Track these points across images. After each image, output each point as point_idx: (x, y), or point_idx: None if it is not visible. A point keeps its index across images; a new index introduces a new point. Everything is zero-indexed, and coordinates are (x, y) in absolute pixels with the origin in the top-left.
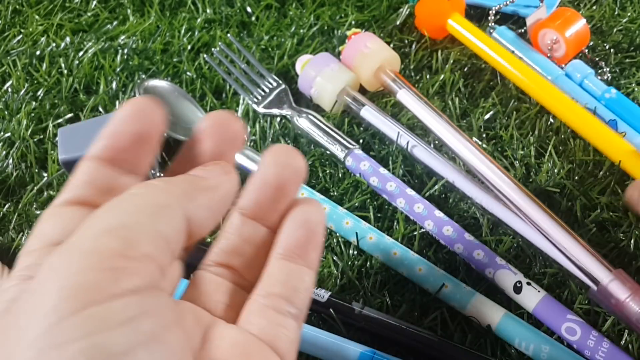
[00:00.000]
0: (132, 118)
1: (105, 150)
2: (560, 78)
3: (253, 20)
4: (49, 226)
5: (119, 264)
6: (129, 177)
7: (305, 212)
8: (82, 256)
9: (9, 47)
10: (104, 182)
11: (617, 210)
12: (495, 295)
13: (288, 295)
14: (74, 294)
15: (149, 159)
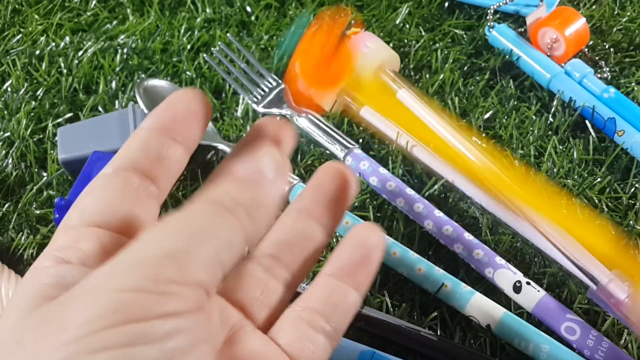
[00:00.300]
0: (184, 99)
1: (161, 120)
2: (560, 76)
3: (253, 20)
4: (92, 200)
5: (170, 289)
6: (180, 147)
7: (365, 234)
8: (137, 276)
9: (8, 47)
10: (157, 149)
11: (617, 210)
12: (495, 295)
13: (326, 312)
14: (120, 309)
15: (198, 133)
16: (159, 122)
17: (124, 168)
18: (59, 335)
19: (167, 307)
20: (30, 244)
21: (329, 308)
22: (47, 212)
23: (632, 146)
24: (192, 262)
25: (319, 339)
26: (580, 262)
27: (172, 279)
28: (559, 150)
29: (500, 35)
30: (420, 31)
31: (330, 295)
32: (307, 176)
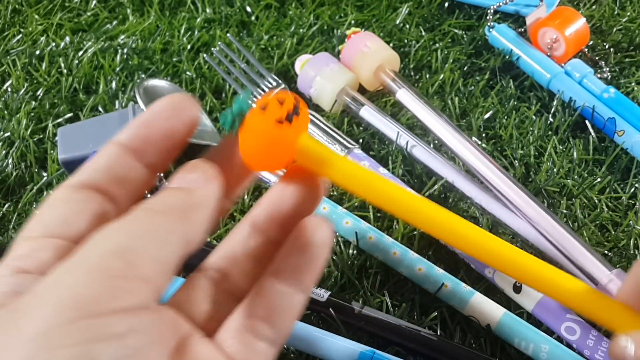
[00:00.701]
0: (167, 113)
1: (133, 138)
2: (560, 76)
3: (253, 20)
4: (53, 213)
5: (119, 284)
6: (145, 171)
7: (311, 233)
8: (87, 272)
9: (8, 47)
10: (121, 171)
11: (617, 210)
12: (495, 295)
13: (270, 318)
14: (74, 305)
15: (171, 158)
16: (132, 141)
17: (86, 185)
18: (17, 336)
19: (121, 302)
20: None
21: (273, 314)
22: None
23: (632, 146)
24: (138, 258)
25: (261, 347)
26: (580, 262)
27: (122, 274)
28: (559, 150)
29: (500, 35)
30: (420, 31)
31: (275, 301)
32: None
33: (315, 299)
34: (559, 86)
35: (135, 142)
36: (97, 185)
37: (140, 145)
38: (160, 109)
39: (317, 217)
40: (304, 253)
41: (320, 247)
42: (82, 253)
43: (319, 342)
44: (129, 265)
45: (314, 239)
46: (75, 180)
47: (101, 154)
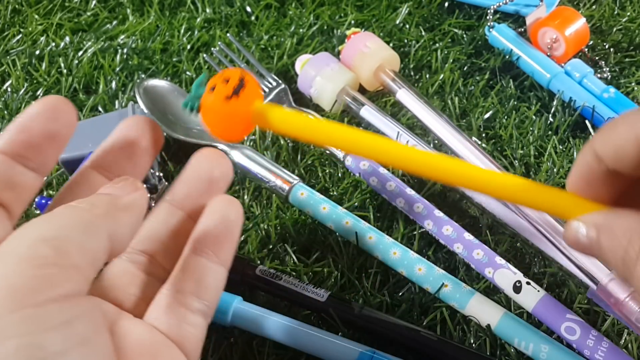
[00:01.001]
0: (44, 115)
1: (12, 144)
2: (560, 76)
3: (252, 20)
4: None
5: (52, 271)
6: (33, 174)
7: (224, 209)
8: (18, 261)
9: (8, 47)
10: (7, 177)
11: None
12: (495, 295)
13: (198, 292)
14: (11, 295)
15: (54, 158)
16: (11, 147)
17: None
18: None
19: (58, 290)
20: None
21: (200, 288)
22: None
23: None
24: (67, 246)
25: (196, 320)
26: (579, 261)
27: (54, 262)
28: (559, 150)
29: (500, 35)
30: (420, 31)
31: (199, 275)
32: (307, 176)
33: (315, 299)
34: (559, 86)
35: (16, 148)
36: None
37: (21, 150)
38: (37, 112)
39: (227, 196)
40: (221, 228)
41: (234, 221)
42: (10, 243)
43: (319, 342)
44: (59, 254)
45: (229, 215)
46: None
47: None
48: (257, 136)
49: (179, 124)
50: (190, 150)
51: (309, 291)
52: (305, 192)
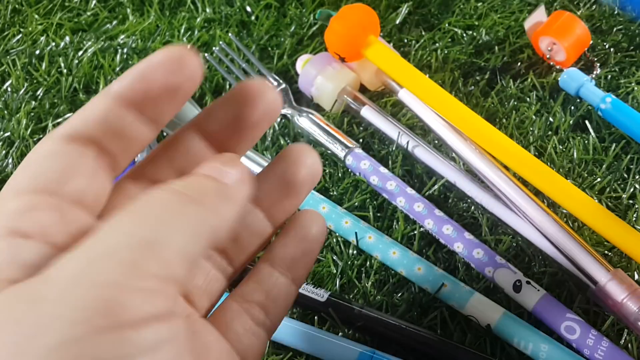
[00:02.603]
0: (167, 66)
1: (129, 91)
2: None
3: (252, 20)
4: (44, 166)
5: (151, 285)
6: (147, 126)
7: (307, 226)
8: (116, 268)
9: (8, 47)
10: (118, 125)
11: (617, 210)
12: (495, 295)
13: (267, 306)
14: (103, 310)
15: (173, 112)
16: (127, 94)
17: (78, 137)
18: (38, 340)
19: (150, 307)
20: None
21: (270, 302)
22: None
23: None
24: (169, 253)
25: (261, 334)
26: (579, 261)
27: (153, 273)
28: (559, 150)
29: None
30: (420, 31)
31: (271, 288)
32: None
33: (315, 299)
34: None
35: (133, 96)
36: (90, 138)
37: (139, 99)
38: (159, 61)
39: (313, 211)
40: (301, 246)
41: (316, 241)
42: (106, 241)
43: (319, 342)
44: (160, 262)
45: (312, 233)
46: (64, 131)
47: (93, 105)
48: None
49: (178, 124)
50: None
51: (308, 291)
52: None
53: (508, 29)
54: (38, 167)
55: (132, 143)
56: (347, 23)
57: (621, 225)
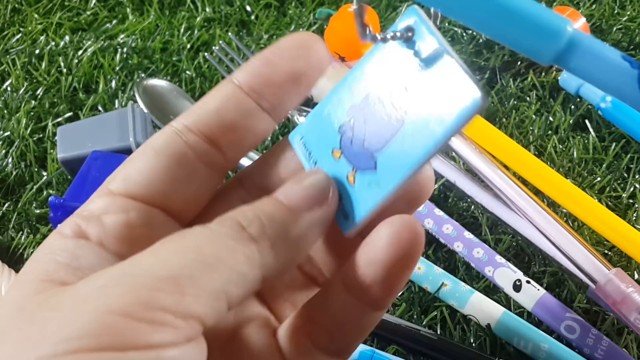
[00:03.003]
0: (294, 52)
1: (252, 77)
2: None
3: (252, 19)
4: (139, 167)
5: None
6: (265, 116)
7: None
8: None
9: (8, 46)
10: (237, 115)
11: (617, 210)
12: (495, 294)
13: (330, 329)
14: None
15: (293, 103)
16: (250, 80)
17: (192, 130)
18: (35, 345)
19: (153, 337)
20: (30, 243)
21: (335, 326)
22: (46, 211)
23: None
24: (194, 291)
25: (316, 356)
26: (579, 261)
27: (167, 308)
28: (559, 150)
29: None
30: None
31: (339, 312)
32: None
33: None
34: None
35: (253, 81)
36: (204, 130)
37: (259, 86)
38: (286, 46)
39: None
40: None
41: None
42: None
43: None
44: (179, 299)
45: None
46: (180, 123)
47: (215, 94)
48: None
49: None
50: None
51: None
52: None
53: None
54: (135, 168)
55: (249, 137)
56: (347, 22)
57: (621, 225)
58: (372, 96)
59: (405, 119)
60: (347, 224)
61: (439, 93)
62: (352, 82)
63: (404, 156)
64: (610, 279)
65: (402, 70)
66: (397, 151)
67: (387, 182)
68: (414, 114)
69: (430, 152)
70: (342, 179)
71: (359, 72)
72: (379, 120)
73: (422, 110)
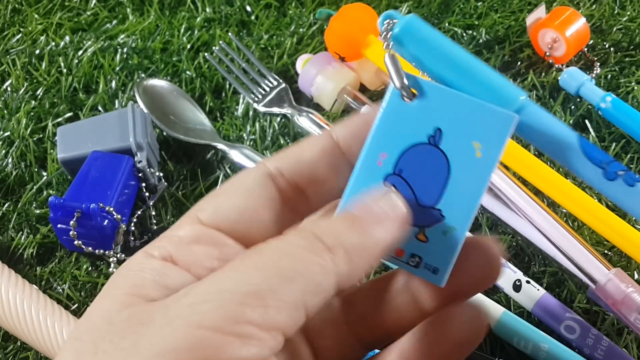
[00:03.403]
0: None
1: (352, 135)
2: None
3: (252, 19)
4: (231, 202)
5: (248, 332)
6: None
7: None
8: (217, 313)
9: (8, 46)
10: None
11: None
12: (495, 294)
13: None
14: (192, 348)
15: None
16: (348, 138)
17: (284, 174)
18: (128, 358)
19: (242, 351)
20: (30, 243)
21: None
22: (47, 211)
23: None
24: (276, 303)
25: None
26: (579, 261)
27: (253, 321)
28: None
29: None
30: None
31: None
32: None
33: None
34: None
35: (351, 140)
36: (294, 177)
37: (356, 145)
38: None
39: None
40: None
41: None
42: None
43: None
44: (264, 313)
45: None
46: (273, 165)
47: (312, 144)
48: (257, 136)
49: (178, 123)
50: (190, 150)
51: None
52: None
53: (508, 29)
54: (226, 201)
55: (335, 187)
56: (347, 22)
57: (621, 225)
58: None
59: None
60: (439, 277)
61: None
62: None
63: (466, 194)
64: (610, 279)
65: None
66: (457, 192)
67: (461, 223)
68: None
69: (488, 180)
70: (414, 242)
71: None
72: (423, 174)
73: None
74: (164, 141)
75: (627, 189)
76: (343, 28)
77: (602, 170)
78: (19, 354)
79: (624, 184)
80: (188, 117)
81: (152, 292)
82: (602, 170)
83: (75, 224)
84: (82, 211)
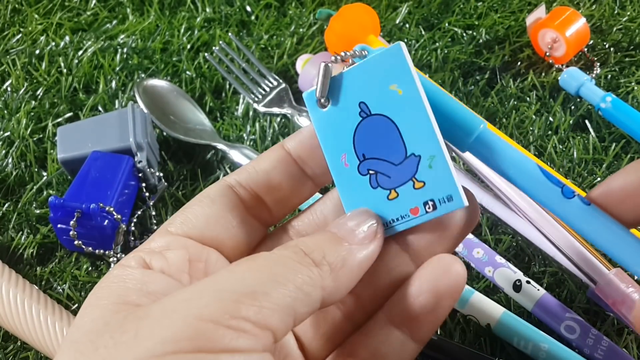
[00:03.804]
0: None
1: (302, 146)
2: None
3: (252, 20)
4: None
5: (243, 326)
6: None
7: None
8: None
9: (8, 46)
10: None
11: None
12: (495, 295)
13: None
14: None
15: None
16: (299, 149)
17: (243, 185)
18: (131, 349)
19: (237, 342)
20: (30, 243)
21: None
22: (47, 211)
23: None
24: (269, 305)
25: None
26: (579, 261)
27: (248, 318)
28: (558, 150)
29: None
30: (420, 30)
31: (379, 344)
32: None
33: None
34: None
35: (302, 150)
36: (254, 187)
37: (306, 155)
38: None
39: (450, 258)
40: (427, 305)
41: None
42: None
43: None
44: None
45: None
46: (234, 179)
47: (267, 156)
48: (257, 136)
49: (178, 123)
50: (190, 150)
51: None
52: None
53: (508, 29)
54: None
55: (292, 195)
56: (347, 22)
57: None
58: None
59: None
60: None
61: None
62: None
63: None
64: (610, 279)
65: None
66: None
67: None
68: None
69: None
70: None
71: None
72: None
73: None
74: (164, 141)
75: (583, 208)
76: (343, 28)
77: (560, 188)
78: (19, 354)
79: (580, 203)
80: (188, 117)
81: (137, 299)
82: (560, 188)
83: (75, 224)
84: (82, 211)
